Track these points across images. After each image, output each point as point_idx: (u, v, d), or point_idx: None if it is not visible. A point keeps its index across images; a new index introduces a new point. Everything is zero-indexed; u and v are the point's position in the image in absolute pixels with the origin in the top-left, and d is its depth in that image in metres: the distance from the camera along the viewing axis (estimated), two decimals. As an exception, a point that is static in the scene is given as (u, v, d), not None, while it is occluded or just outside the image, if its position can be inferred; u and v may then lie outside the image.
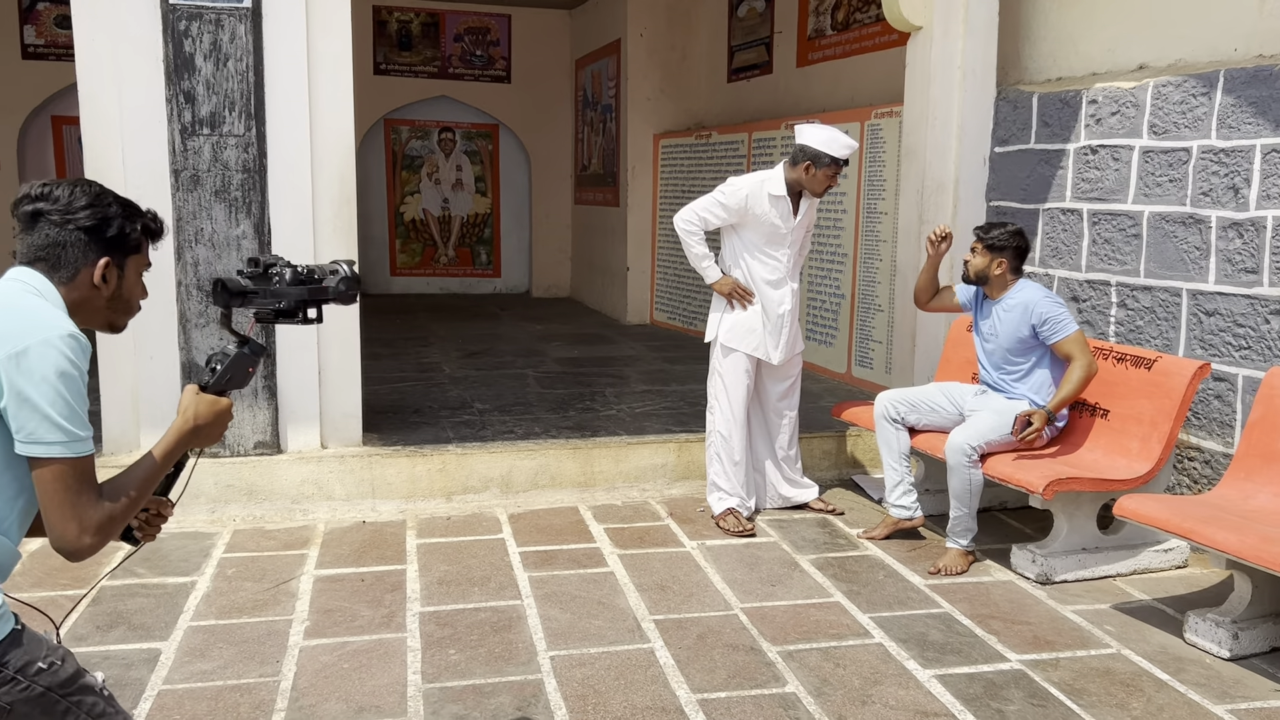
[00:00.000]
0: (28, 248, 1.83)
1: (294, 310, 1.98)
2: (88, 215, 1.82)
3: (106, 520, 1.72)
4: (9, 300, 1.77)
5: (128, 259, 1.89)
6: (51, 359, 1.67)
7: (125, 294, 1.90)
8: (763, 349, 4.58)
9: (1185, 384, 3.93)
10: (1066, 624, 3.65)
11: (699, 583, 4.00)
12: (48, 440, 1.66)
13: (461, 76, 11.70)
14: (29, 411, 1.66)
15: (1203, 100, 4.27)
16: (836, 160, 4.36)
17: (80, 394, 1.70)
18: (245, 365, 1.95)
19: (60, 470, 1.67)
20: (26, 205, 1.83)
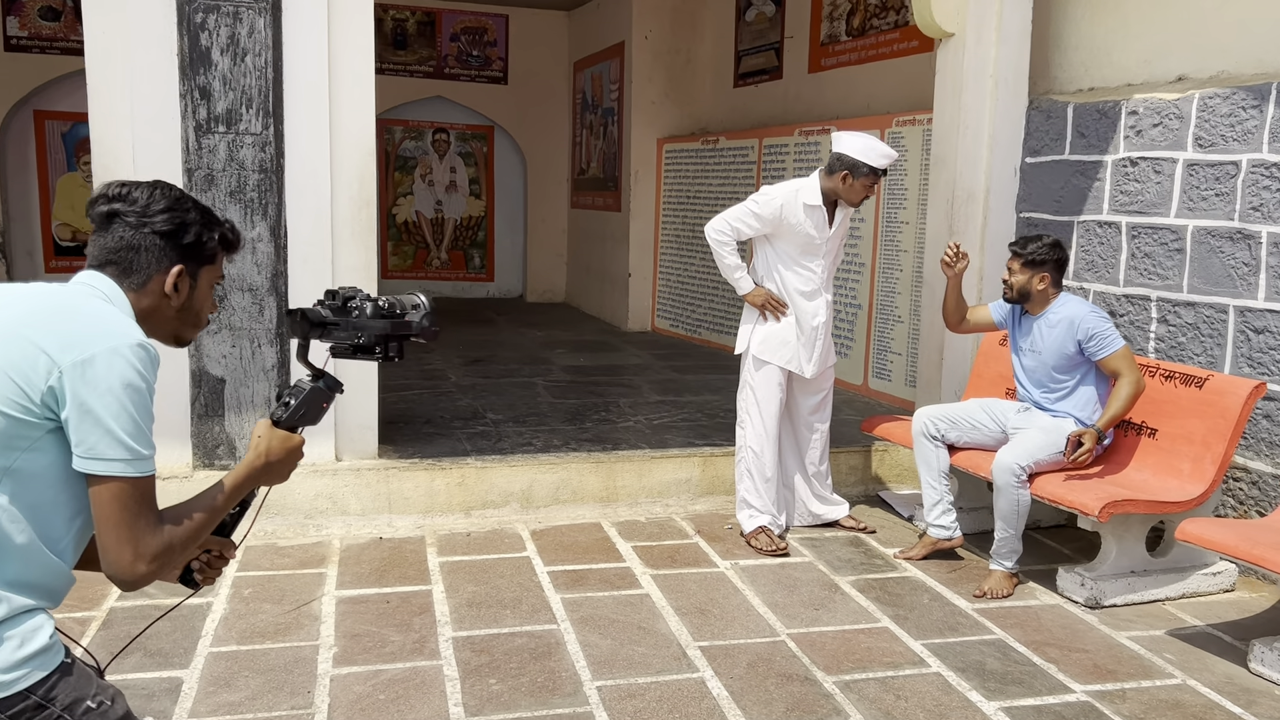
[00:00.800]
0: (100, 250, 1.72)
1: (373, 345, 1.84)
2: (165, 219, 1.71)
3: (164, 549, 1.59)
4: (76, 304, 1.65)
5: (201, 269, 1.78)
6: (118, 369, 1.55)
7: (195, 305, 1.79)
8: (796, 362, 4.44)
9: (1240, 404, 3.82)
10: (1125, 652, 3.53)
11: (739, 606, 3.84)
12: (108, 456, 1.54)
13: (457, 77, 11.50)
14: (91, 424, 1.54)
15: (1253, 113, 4.17)
16: (875, 170, 4.23)
17: (147, 409, 1.59)
18: (320, 401, 1.83)
19: (119, 490, 1.55)
20: (102, 205, 1.72)
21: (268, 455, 1.79)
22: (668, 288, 9.29)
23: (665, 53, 9.31)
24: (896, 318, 6.31)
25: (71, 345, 1.55)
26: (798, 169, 7.33)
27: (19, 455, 1.56)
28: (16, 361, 1.55)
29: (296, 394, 1.82)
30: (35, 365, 1.54)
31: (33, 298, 1.64)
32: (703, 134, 9.00)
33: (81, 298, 1.66)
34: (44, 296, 1.64)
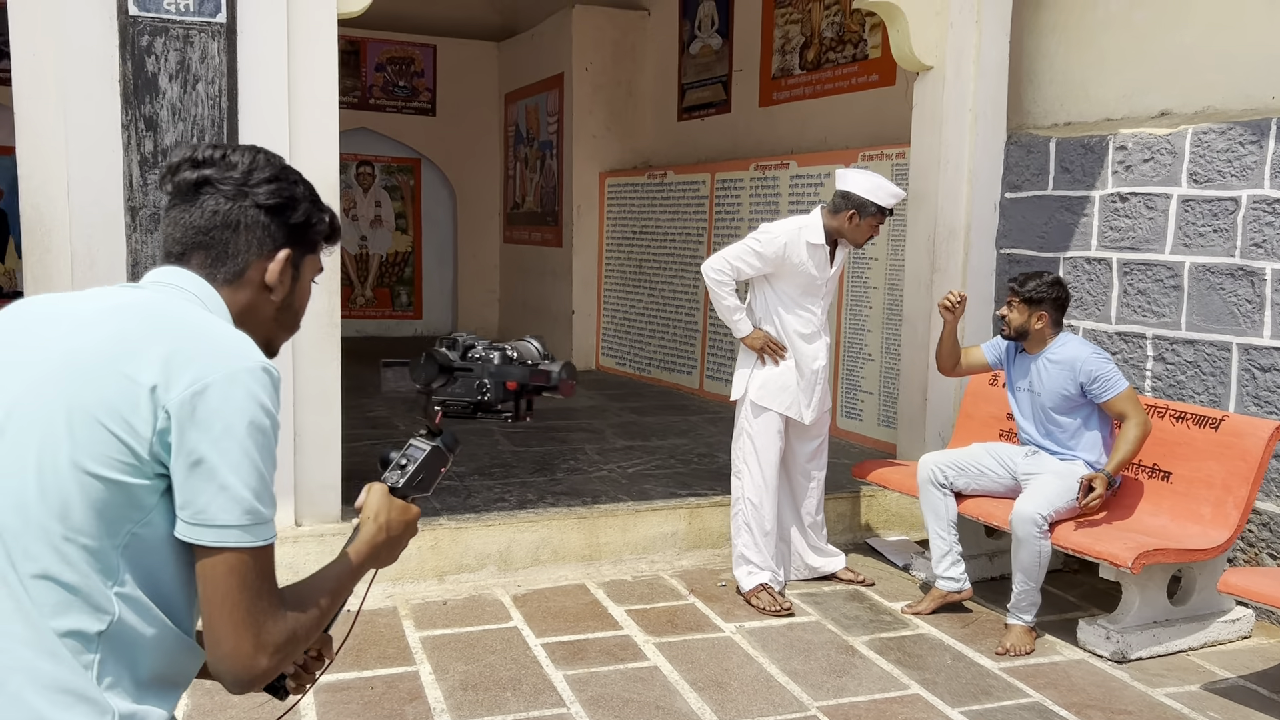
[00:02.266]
0: (183, 230, 1.33)
1: (498, 400, 1.52)
2: (269, 191, 1.35)
3: (288, 639, 1.24)
4: (174, 316, 1.25)
5: (305, 258, 1.41)
6: (239, 403, 1.19)
7: (296, 304, 1.43)
8: (796, 408, 4.21)
9: (1262, 446, 3.72)
10: (1169, 711, 3.36)
11: (757, 676, 3.56)
12: (222, 522, 1.18)
13: (383, 108, 11.09)
14: (202, 480, 1.17)
15: (1253, 149, 4.12)
16: (883, 209, 4.05)
17: (271, 455, 1.23)
18: (439, 464, 1.51)
19: (237, 564, 1.19)
20: (188, 171, 1.33)
21: (389, 529, 1.45)
22: (613, 325, 9.02)
23: (606, 85, 9.10)
24: (867, 356, 6.15)
25: (178, 374, 1.18)
26: (753, 204, 7.16)
27: (133, 528, 1.19)
28: (113, 404, 1.17)
29: (412, 456, 1.50)
30: (137, 408, 1.16)
31: (115, 314, 1.24)
32: (646, 168, 8.79)
33: (177, 306, 1.27)
34: (130, 311, 1.25)
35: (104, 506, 1.17)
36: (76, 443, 1.16)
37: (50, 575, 1.16)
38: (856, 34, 6.60)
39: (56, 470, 1.16)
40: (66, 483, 1.16)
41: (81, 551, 1.16)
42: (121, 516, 1.18)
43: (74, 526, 1.16)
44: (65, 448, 1.16)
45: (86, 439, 1.16)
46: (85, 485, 1.16)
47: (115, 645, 1.19)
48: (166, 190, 1.36)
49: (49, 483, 1.16)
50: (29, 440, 1.17)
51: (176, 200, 1.35)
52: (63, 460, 1.16)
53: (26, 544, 1.16)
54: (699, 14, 8.35)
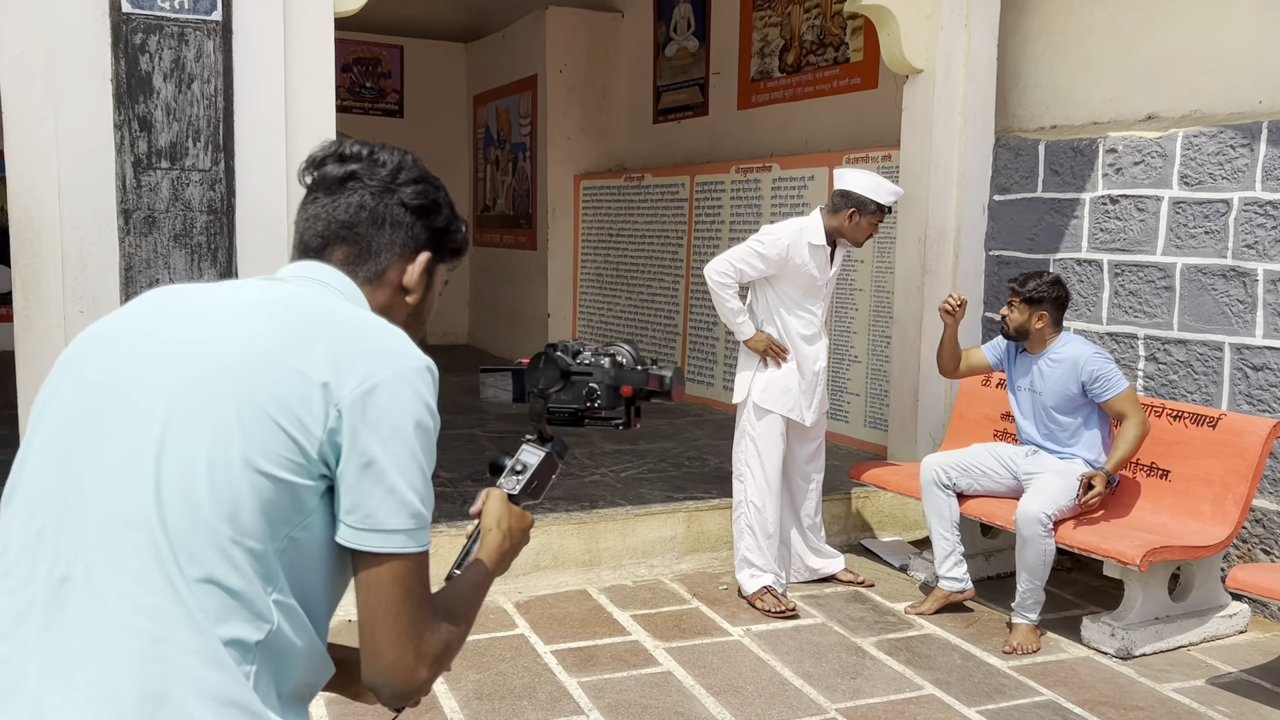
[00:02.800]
0: (326, 223, 1.29)
1: (605, 408, 1.48)
2: (416, 192, 1.32)
3: (445, 650, 1.20)
4: (332, 309, 1.21)
5: (438, 266, 1.38)
6: (407, 403, 1.15)
7: (426, 310, 1.39)
8: (798, 409, 4.21)
9: (1260, 443, 3.79)
10: (1179, 707, 3.40)
11: (772, 680, 3.55)
12: (391, 526, 1.13)
13: (350, 109, 10.93)
14: (373, 482, 1.12)
15: (1243, 152, 4.20)
16: (882, 207, 4.07)
17: (434, 455, 1.19)
18: (551, 470, 1.48)
19: (403, 571, 1.14)
20: (333, 166, 1.30)
21: (511, 537, 1.42)
22: (589, 327, 8.98)
23: (580, 87, 9.06)
24: (854, 357, 6.18)
25: (349, 371, 1.13)
26: (735, 206, 7.17)
27: (292, 532, 1.13)
28: (285, 400, 1.11)
29: (526, 462, 1.46)
30: (309, 404, 1.11)
31: (273, 307, 1.20)
32: (622, 170, 8.76)
33: (333, 302, 1.23)
34: (288, 305, 1.20)
35: (271, 508, 1.11)
36: (249, 439, 1.11)
37: (216, 579, 1.10)
38: (838, 37, 6.64)
39: (228, 468, 1.10)
40: (238, 481, 1.10)
41: (247, 555, 1.11)
42: (284, 519, 1.13)
43: (242, 528, 1.10)
44: (238, 444, 1.10)
45: (258, 435, 1.11)
46: (256, 484, 1.10)
47: (269, 655, 1.14)
48: (305, 183, 1.33)
49: (220, 481, 1.10)
50: (199, 436, 1.11)
51: (317, 194, 1.31)
52: (235, 457, 1.10)
53: (194, 546, 1.10)
54: (675, 16, 8.35)
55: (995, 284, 5.25)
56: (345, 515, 1.14)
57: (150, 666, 1.08)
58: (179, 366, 1.16)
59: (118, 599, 1.10)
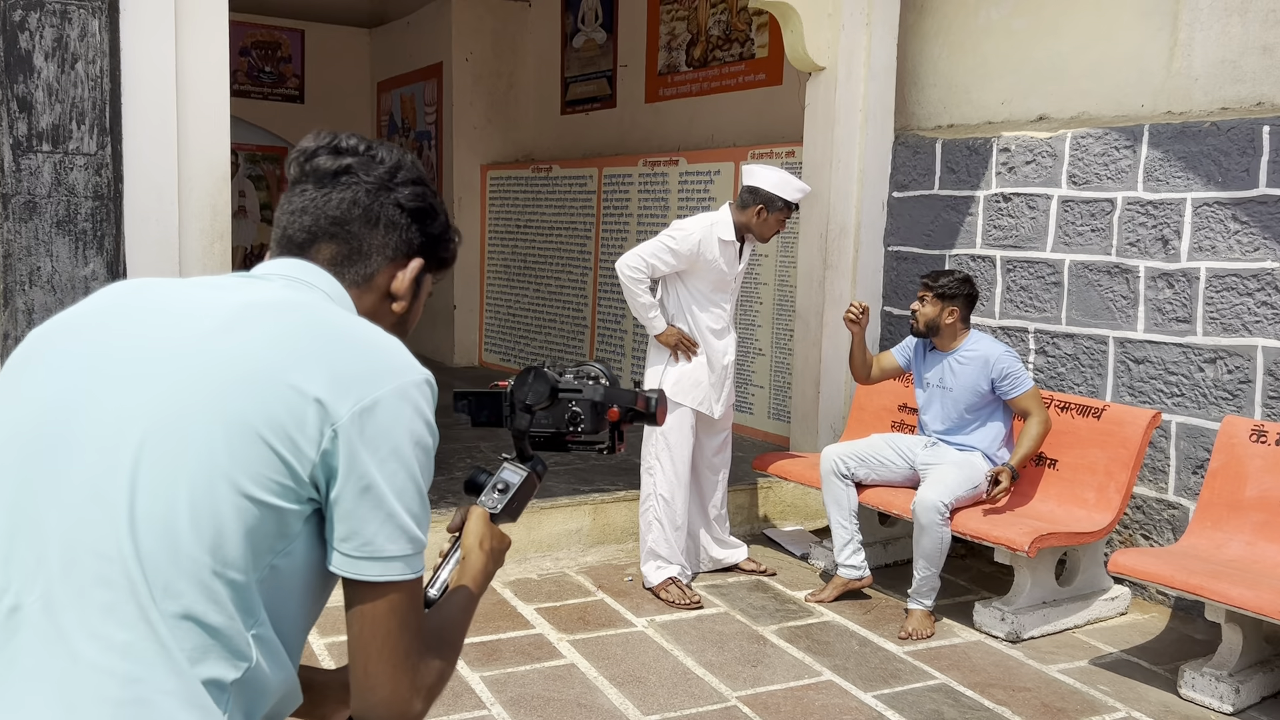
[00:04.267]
0: (313, 217, 1.19)
1: (588, 432, 1.45)
2: (414, 194, 1.23)
3: (438, 680, 1.14)
4: (326, 317, 1.12)
5: (426, 275, 1.29)
6: (407, 421, 1.07)
7: (410, 321, 1.31)
8: (707, 403, 4.25)
9: (1140, 433, 3.96)
10: (1063, 687, 3.54)
11: (674, 669, 3.58)
12: (389, 554, 1.06)
13: (248, 94, 10.62)
14: (370, 507, 1.05)
15: (1127, 153, 4.37)
16: (789, 204, 4.13)
17: (431, 474, 1.12)
18: (531, 490, 1.45)
19: (399, 600, 1.08)
20: (326, 158, 1.21)
21: (494, 558, 1.37)
22: (497, 320, 8.90)
23: (487, 76, 8.96)
24: (758, 350, 6.26)
25: (347, 386, 1.05)
26: (642, 199, 7.19)
27: (273, 560, 1.06)
28: (276, 418, 1.03)
29: (508, 481, 1.43)
30: (303, 422, 1.03)
31: (262, 313, 1.11)
32: (530, 161, 8.71)
33: (326, 308, 1.14)
34: (278, 311, 1.11)
35: (255, 535, 1.04)
36: (235, 461, 1.02)
37: (194, 616, 1.02)
38: (743, 33, 6.70)
39: (212, 492, 1.02)
40: (222, 507, 1.02)
41: (229, 588, 1.03)
42: (267, 547, 1.05)
43: (225, 559, 1.02)
44: (223, 466, 1.02)
45: (246, 456, 1.02)
46: (241, 510, 1.02)
47: (244, 692, 1.06)
48: (293, 174, 1.23)
49: (202, 506, 1.02)
50: (180, 456, 1.03)
51: (306, 185, 1.21)
52: (219, 481, 1.02)
53: (172, 578, 1.01)
54: (582, 7, 8.32)
55: (894, 279, 5.37)
56: (340, 543, 1.07)
57: (124, 710, 1.00)
58: (158, 375, 1.06)
59: (85, 636, 1.01)
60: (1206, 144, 4.10)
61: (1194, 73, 4.26)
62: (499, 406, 1.49)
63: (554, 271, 8.20)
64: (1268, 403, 3.92)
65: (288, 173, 1.25)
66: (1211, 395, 4.10)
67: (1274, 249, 3.91)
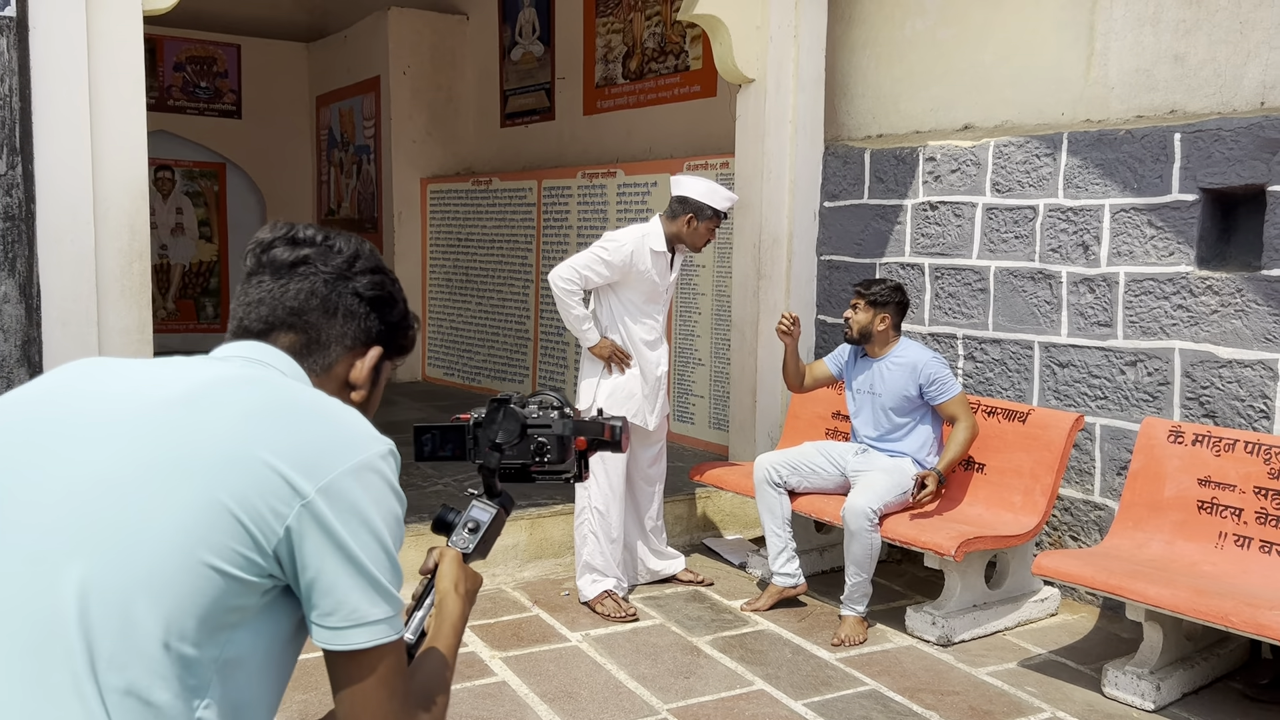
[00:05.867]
0: (270, 307, 1.21)
1: (554, 462, 1.46)
2: (371, 283, 1.26)
3: None
4: (297, 396, 1.13)
5: (385, 363, 1.31)
6: (377, 492, 1.09)
7: (370, 408, 1.31)
8: (641, 414, 4.25)
9: (1064, 436, 4.02)
10: (991, 690, 3.58)
11: (606, 684, 3.57)
12: (373, 618, 1.07)
13: (183, 109, 10.48)
14: (350, 577, 1.06)
15: (1047, 161, 4.45)
16: (718, 213, 4.15)
17: (401, 540, 1.14)
18: (500, 528, 1.46)
19: (385, 667, 1.09)
20: (282, 250, 1.23)
21: (470, 600, 1.36)
22: (439, 334, 8.85)
23: (426, 89, 8.92)
24: (697, 361, 6.28)
25: (313, 462, 1.06)
26: (581, 211, 7.19)
27: (229, 637, 1.04)
28: (245, 492, 1.03)
29: (478, 519, 1.43)
30: (269, 496, 1.04)
31: (231, 387, 1.11)
32: (470, 174, 8.67)
33: (291, 385, 1.15)
34: (246, 387, 1.12)
35: (213, 607, 1.02)
36: (198, 529, 1.01)
37: (137, 692, 0.98)
38: (678, 45, 6.73)
39: (172, 559, 1.00)
40: (182, 576, 1.00)
41: (178, 664, 1.00)
42: (223, 622, 1.03)
43: (179, 630, 1.00)
44: (186, 534, 1.00)
45: (209, 526, 1.01)
46: (202, 579, 1.01)
47: None
48: (250, 265, 1.24)
49: (161, 574, 1.00)
50: (140, 522, 1.01)
51: (263, 276, 1.23)
52: (181, 549, 1.00)
53: (119, 650, 0.98)
54: (520, 20, 8.32)
55: (827, 288, 5.42)
56: (323, 618, 1.07)
57: None
58: (117, 436, 1.05)
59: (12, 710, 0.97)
60: (1122, 151, 4.19)
61: (1110, 82, 4.35)
62: (463, 441, 1.48)
63: (496, 285, 8.17)
64: (1185, 404, 4.01)
65: (245, 263, 1.26)
66: (1133, 397, 4.18)
67: (1187, 253, 4.00)
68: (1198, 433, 3.74)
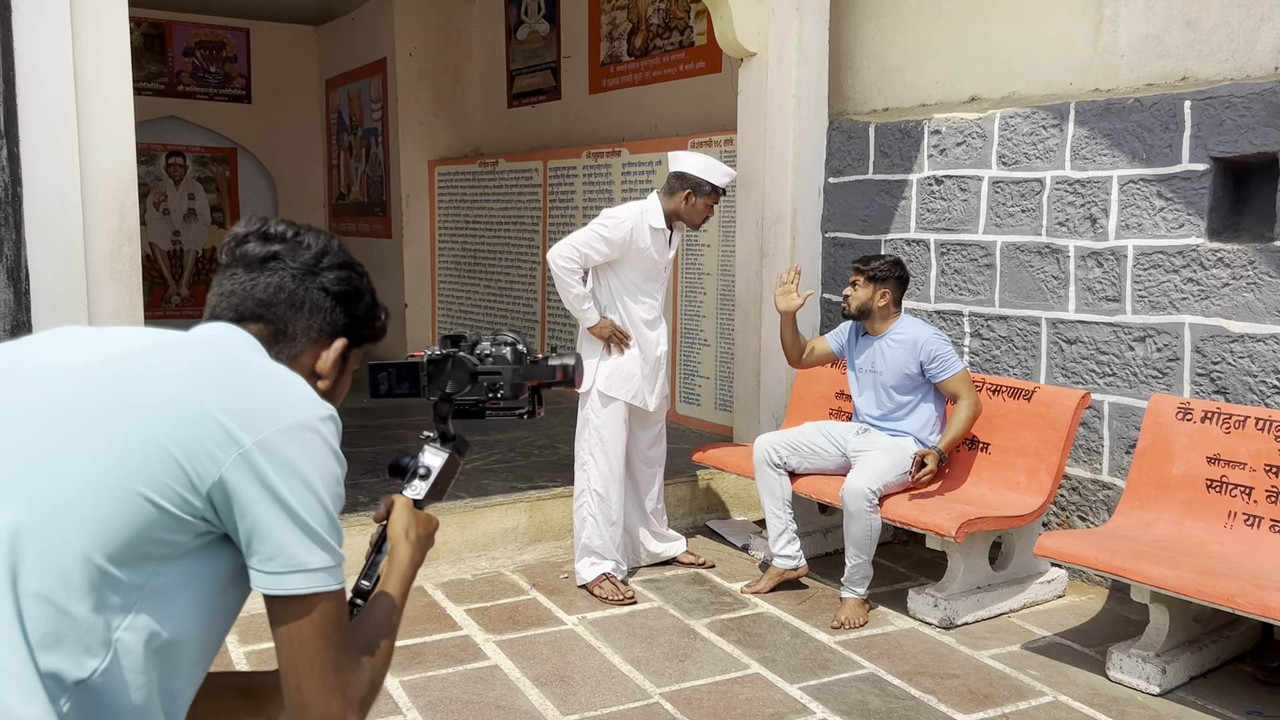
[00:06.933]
0: (242, 299, 1.30)
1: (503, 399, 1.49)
2: (338, 278, 1.34)
3: (370, 689, 1.21)
4: (247, 361, 1.22)
5: (352, 351, 1.39)
6: (315, 450, 1.16)
7: (337, 394, 1.40)
8: (641, 395, 4.19)
9: (1069, 414, 3.92)
10: (992, 673, 3.50)
11: (600, 667, 3.52)
12: (313, 565, 1.14)
13: (194, 95, 10.48)
14: (287, 525, 1.13)
15: (1054, 132, 4.33)
16: (717, 189, 4.06)
17: (341, 501, 1.21)
18: (453, 471, 1.47)
19: (322, 616, 1.15)
20: (254, 245, 1.31)
21: (421, 545, 1.42)
22: (449, 317, 8.81)
23: (432, 71, 8.86)
24: (703, 341, 6.20)
25: (255, 417, 1.14)
26: (587, 192, 7.11)
27: (157, 569, 1.10)
28: (186, 437, 1.11)
29: (429, 465, 1.45)
30: (210, 444, 1.11)
31: (189, 348, 1.21)
32: (478, 155, 8.61)
33: (245, 350, 1.24)
34: (202, 347, 1.22)
35: (140, 534, 1.08)
36: (136, 462, 1.09)
37: (52, 599, 1.04)
38: (682, 21, 6.63)
39: (107, 485, 1.07)
40: (115, 501, 1.07)
41: (100, 579, 1.06)
42: (150, 553, 1.09)
43: (103, 548, 1.06)
44: (124, 465, 1.08)
45: (147, 461, 1.09)
46: (134, 507, 1.08)
47: (88, 703, 1.05)
48: (224, 259, 1.33)
49: (93, 496, 1.07)
50: (82, 450, 1.08)
51: (236, 270, 1.31)
52: (117, 477, 1.08)
53: (40, 560, 1.04)
54: (525, -1, 8.23)
55: (831, 265, 5.32)
56: (263, 564, 1.12)
57: None
58: (70, 378, 1.15)
59: None
60: (1130, 120, 4.07)
61: (1119, 49, 4.22)
62: (417, 377, 1.50)
63: (504, 267, 8.12)
64: (1195, 380, 3.90)
65: (219, 257, 1.34)
66: (1142, 374, 4.07)
67: (1198, 225, 3.88)
68: (1207, 409, 3.63)
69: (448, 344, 1.53)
